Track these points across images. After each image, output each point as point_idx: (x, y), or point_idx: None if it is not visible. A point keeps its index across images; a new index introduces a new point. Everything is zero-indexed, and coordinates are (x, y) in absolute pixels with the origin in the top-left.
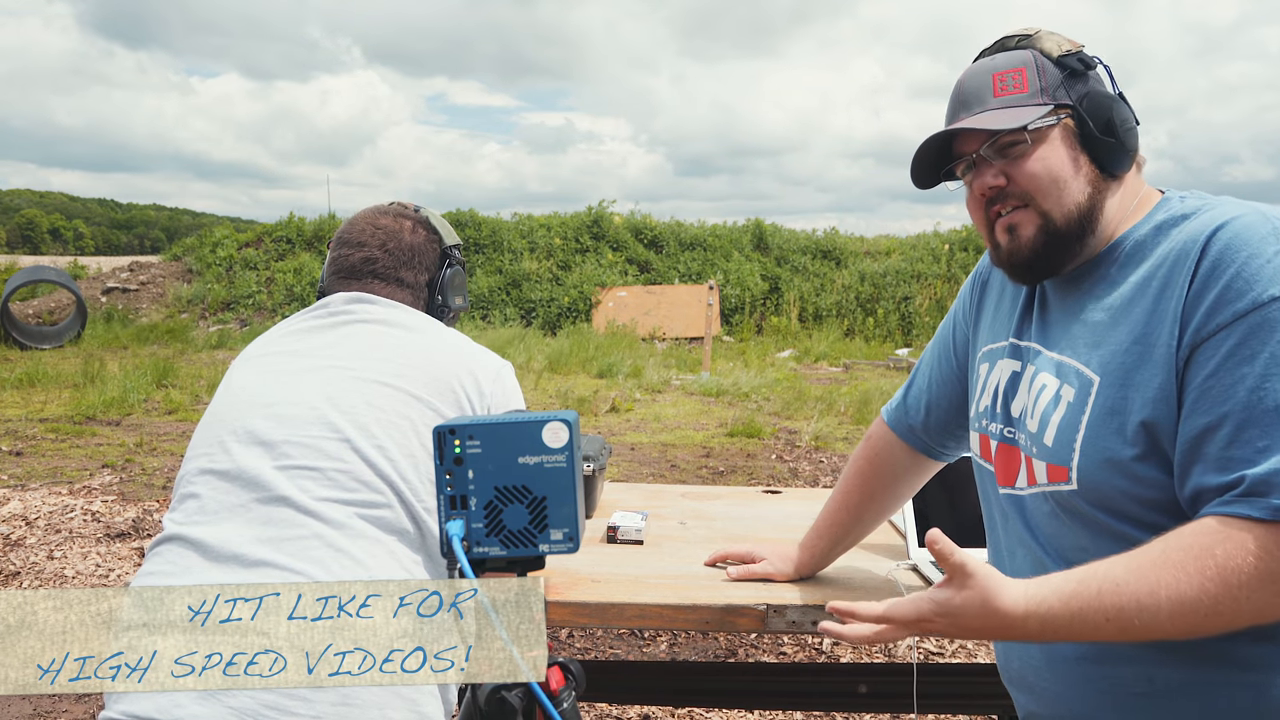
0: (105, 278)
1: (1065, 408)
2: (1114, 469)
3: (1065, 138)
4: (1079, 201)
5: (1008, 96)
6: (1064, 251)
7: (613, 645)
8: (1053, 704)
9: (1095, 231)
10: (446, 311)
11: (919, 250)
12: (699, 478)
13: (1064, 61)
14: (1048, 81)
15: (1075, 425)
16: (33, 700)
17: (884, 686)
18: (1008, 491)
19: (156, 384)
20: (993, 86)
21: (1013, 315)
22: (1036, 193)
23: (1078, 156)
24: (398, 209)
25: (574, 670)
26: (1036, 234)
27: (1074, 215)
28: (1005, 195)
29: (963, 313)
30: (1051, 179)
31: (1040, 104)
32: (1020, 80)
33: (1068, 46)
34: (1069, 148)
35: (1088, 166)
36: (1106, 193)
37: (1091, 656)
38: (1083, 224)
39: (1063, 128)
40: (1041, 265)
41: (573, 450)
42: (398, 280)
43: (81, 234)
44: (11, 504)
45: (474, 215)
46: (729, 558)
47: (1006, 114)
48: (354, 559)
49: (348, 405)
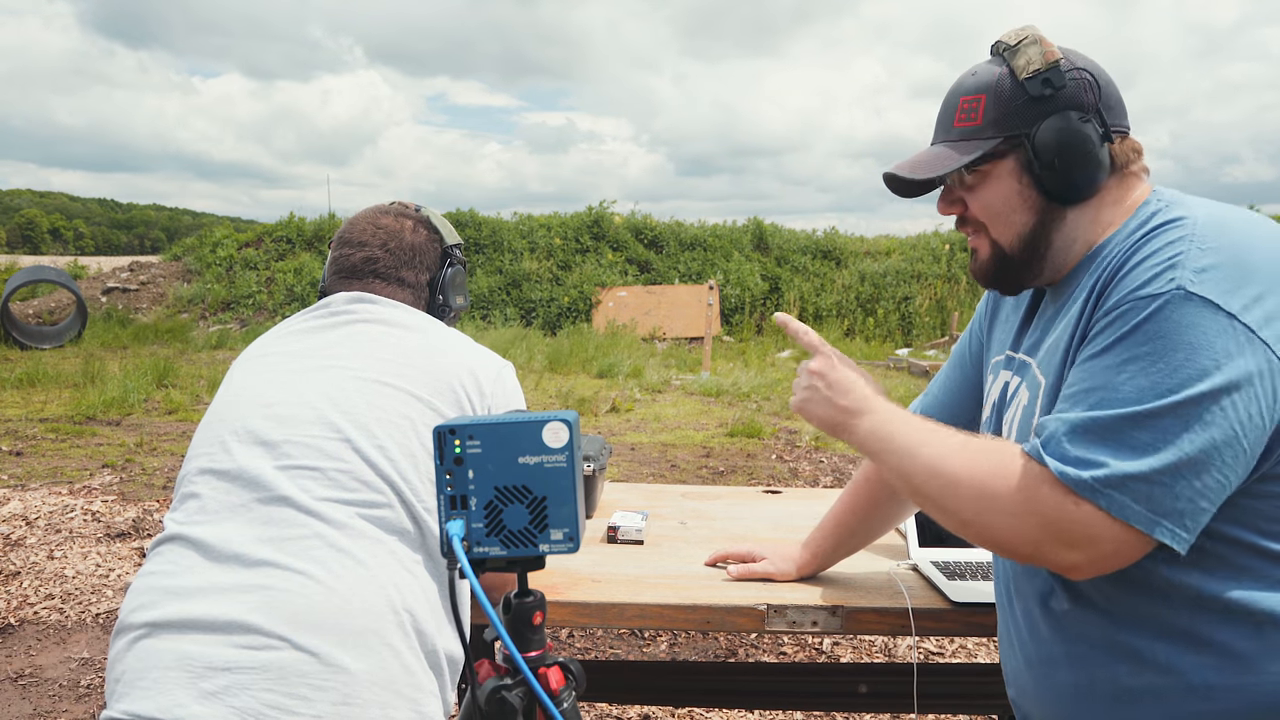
0: (105, 278)
1: (1021, 411)
2: None
3: (1014, 169)
4: (1021, 232)
5: (963, 128)
6: (1018, 273)
7: (613, 645)
8: (1038, 706)
9: (1047, 255)
10: (447, 311)
11: (919, 250)
12: (699, 478)
13: (1029, 84)
14: (1003, 111)
15: (1028, 426)
16: (33, 700)
17: (884, 686)
18: None
19: (156, 384)
20: (955, 114)
21: (1014, 327)
22: (987, 222)
23: (1024, 189)
24: (399, 209)
25: (574, 670)
26: (990, 258)
27: (1019, 244)
28: (963, 220)
29: (978, 324)
30: (995, 212)
31: (989, 139)
32: (976, 111)
33: (1038, 64)
34: (1016, 179)
35: (1034, 196)
36: (1058, 219)
37: (1064, 660)
38: (1030, 250)
39: (1014, 159)
40: (999, 284)
41: (573, 450)
42: (399, 280)
43: (81, 234)
44: (11, 504)
45: (474, 215)
46: (729, 558)
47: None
48: (355, 559)
49: (348, 405)
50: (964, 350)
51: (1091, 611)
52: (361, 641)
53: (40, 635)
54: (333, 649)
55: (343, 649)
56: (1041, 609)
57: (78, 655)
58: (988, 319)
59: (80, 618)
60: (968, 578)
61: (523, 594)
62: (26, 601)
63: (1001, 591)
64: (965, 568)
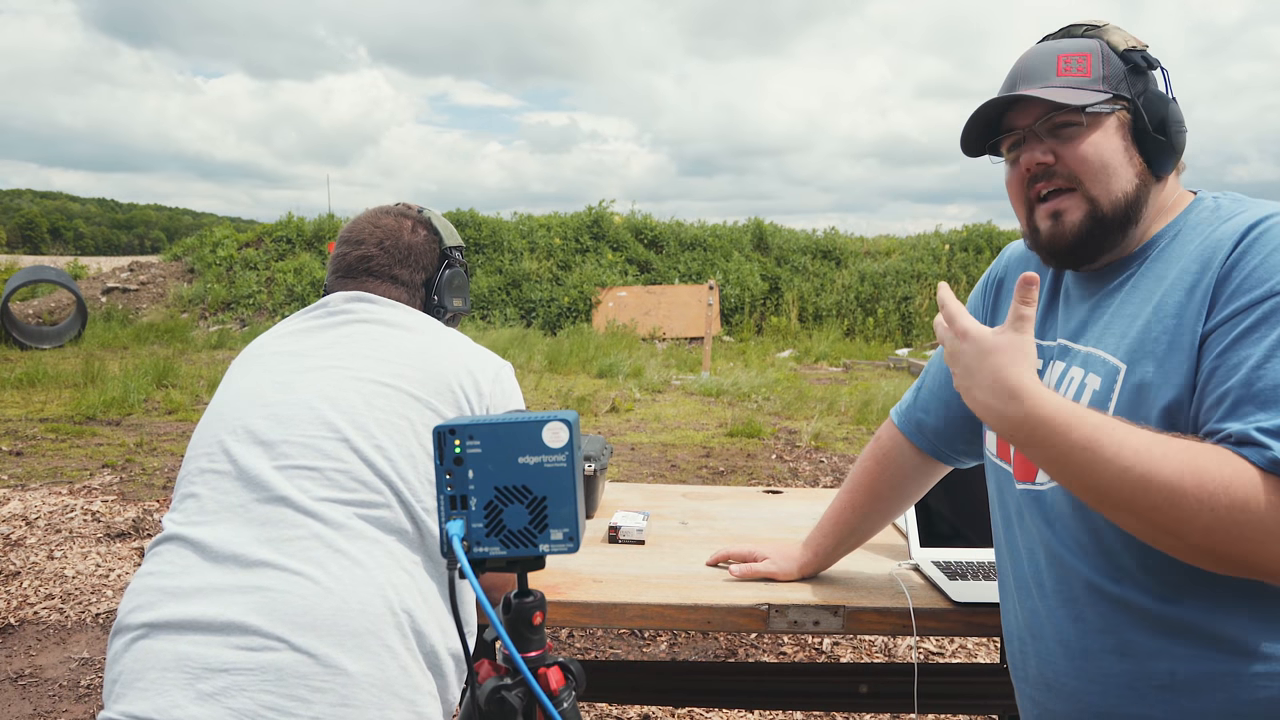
0: (105, 278)
1: (1090, 395)
2: None
3: (1120, 129)
4: (1126, 191)
5: (1070, 78)
6: (1105, 240)
7: (613, 645)
8: (1073, 700)
9: (1137, 224)
10: (444, 312)
11: (919, 250)
12: (699, 478)
13: (1128, 56)
14: (1110, 71)
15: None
16: (33, 700)
17: (884, 686)
18: (1025, 487)
19: (156, 384)
20: (1057, 66)
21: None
22: (1085, 176)
23: (1129, 149)
24: (401, 209)
25: (574, 670)
26: (1083, 220)
27: (1120, 204)
28: (1051, 174)
29: (978, 315)
30: (1101, 164)
31: (1101, 90)
32: (1085, 65)
33: (1133, 42)
34: (1122, 139)
35: (1138, 161)
36: (1150, 189)
37: (1113, 650)
38: (1127, 214)
39: (1119, 118)
40: (1081, 252)
41: (573, 450)
42: (393, 278)
43: (81, 234)
44: (11, 504)
45: (474, 215)
46: (731, 557)
47: (1068, 92)
48: (353, 559)
49: (346, 405)
50: None
51: (1147, 596)
52: (360, 643)
53: (40, 635)
54: (330, 650)
55: (341, 650)
56: (1091, 595)
57: (78, 655)
58: (987, 313)
59: (80, 618)
60: (969, 578)
61: (523, 594)
62: (26, 601)
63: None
64: (966, 568)
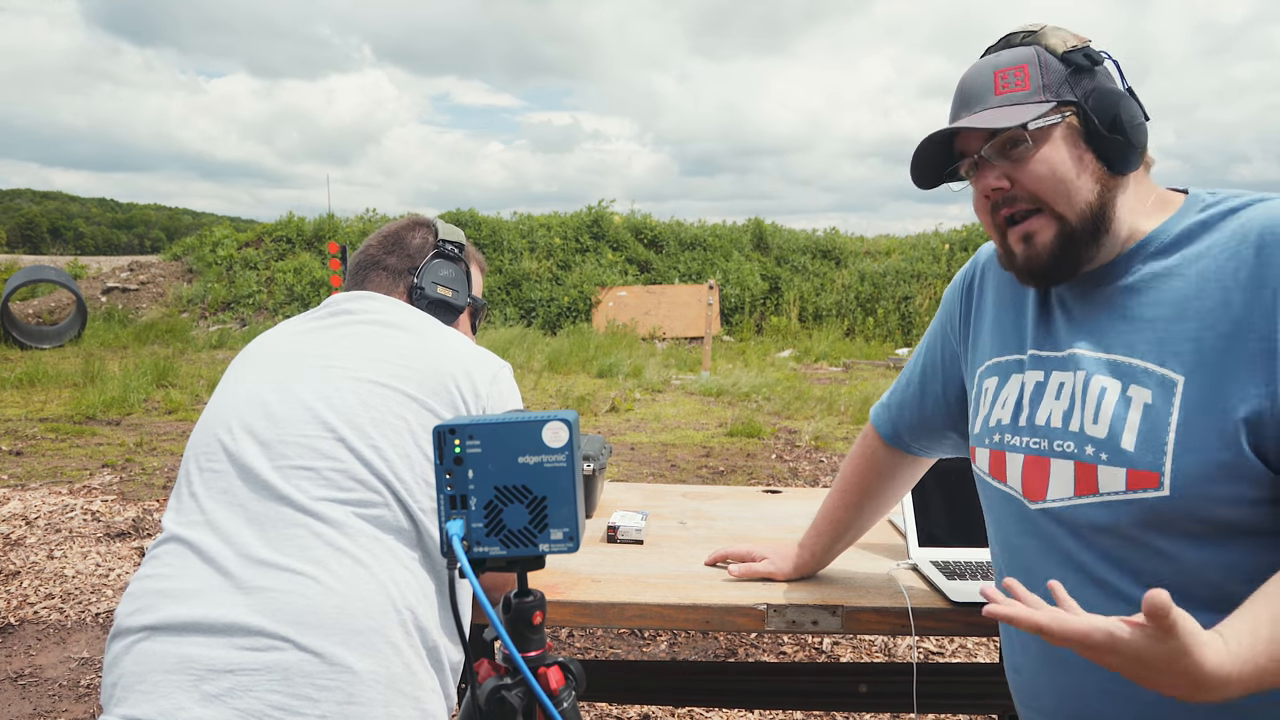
0: (105, 277)
1: (1143, 409)
2: (1214, 469)
3: (1069, 136)
4: (1090, 201)
5: (1009, 94)
6: (1082, 253)
7: (613, 645)
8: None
9: (1110, 230)
10: (422, 296)
11: (919, 250)
12: (699, 477)
13: (1068, 58)
14: (1050, 78)
15: (1163, 427)
16: (33, 700)
17: (884, 686)
18: (1043, 507)
19: (156, 384)
20: (994, 84)
21: (1023, 326)
22: (1045, 195)
23: (1082, 155)
24: (414, 218)
25: (574, 670)
26: (1055, 239)
27: (1088, 215)
28: (1013, 199)
29: (951, 325)
30: (1057, 180)
31: (1042, 101)
32: (1022, 77)
33: (1073, 42)
34: (1073, 146)
35: (1094, 164)
36: (1116, 190)
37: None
38: (1097, 223)
39: (1066, 126)
40: (1059, 270)
41: (573, 450)
42: (384, 267)
43: (82, 233)
44: (11, 504)
45: (474, 215)
46: (729, 557)
47: (1007, 112)
48: (354, 558)
49: (342, 405)
50: (934, 352)
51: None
52: (364, 641)
53: (40, 635)
54: (336, 649)
55: (346, 649)
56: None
57: (78, 655)
58: (962, 320)
59: (80, 617)
60: (967, 577)
61: (523, 594)
62: (26, 601)
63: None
64: (965, 567)
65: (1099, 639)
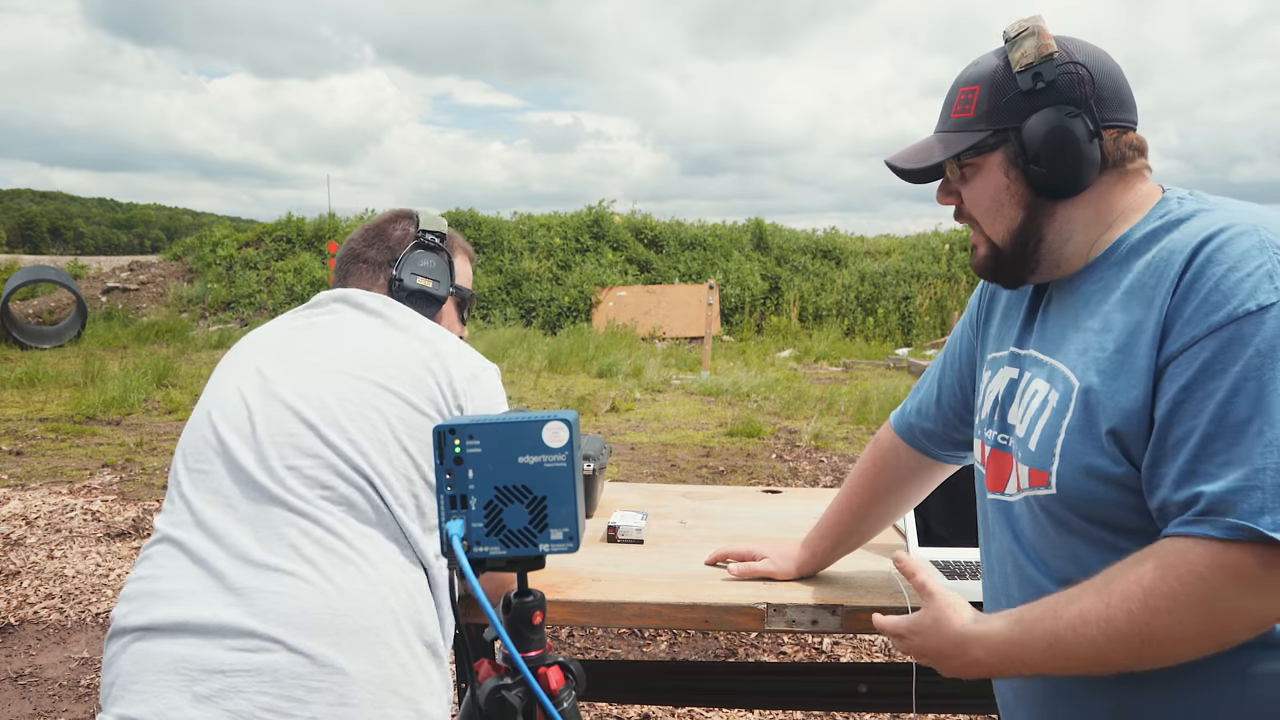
0: (105, 277)
1: (1050, 412)
2: (1089, 475)
3: (1003, 163)
4: (1011, 228)
5: (958, 118)
6: (1015, 269)
7: (613, 645)
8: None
9: (1040, 251)
10: (401, 288)
11: (919, 250)
12: (699, 477)
13: (1019, 79)
14: (996, 103)
15: (1056, 429)
16: (33, 700)
17: (884, 686)
18: (995, 497)
19: (156, 384)
20: (954, 105)
21: (1016, 324)
22: (978, 217)
23: (1012, 183)
24: (399, 211)
25: (574, 670)
26: (986, 255)
27: (1009, 240)
28: (960, 214)
29: (970, 321)
30: (985, 207)
31: (979, 131)
32: (971, 103)
33: (1032, 58)
34: (1004, 173)
35: (1021, 191)
36: (1047, 214)
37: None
38: (1021, 246)
39: (1004, 153)
40: (1002, 280)
41: (573, 450)
42: (365, 260)
43: (82, 233)
44: (11, 504)
45: (474, 215)
46: (729, 557)
47: (947, 138)
48: (343, 557)
49: (318, 400)
50: (955, 348)
51: None
52: (357, 641)
53: (40, 635)
54: (327, 650)
55: (337, 650)
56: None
57: (77, 655)
58: (981, 315)
59: (80, 617)
60: (967, 577)
61: (523, 593)
62: (26, 601)
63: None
64: (964, 567)
65: (893, 627)
